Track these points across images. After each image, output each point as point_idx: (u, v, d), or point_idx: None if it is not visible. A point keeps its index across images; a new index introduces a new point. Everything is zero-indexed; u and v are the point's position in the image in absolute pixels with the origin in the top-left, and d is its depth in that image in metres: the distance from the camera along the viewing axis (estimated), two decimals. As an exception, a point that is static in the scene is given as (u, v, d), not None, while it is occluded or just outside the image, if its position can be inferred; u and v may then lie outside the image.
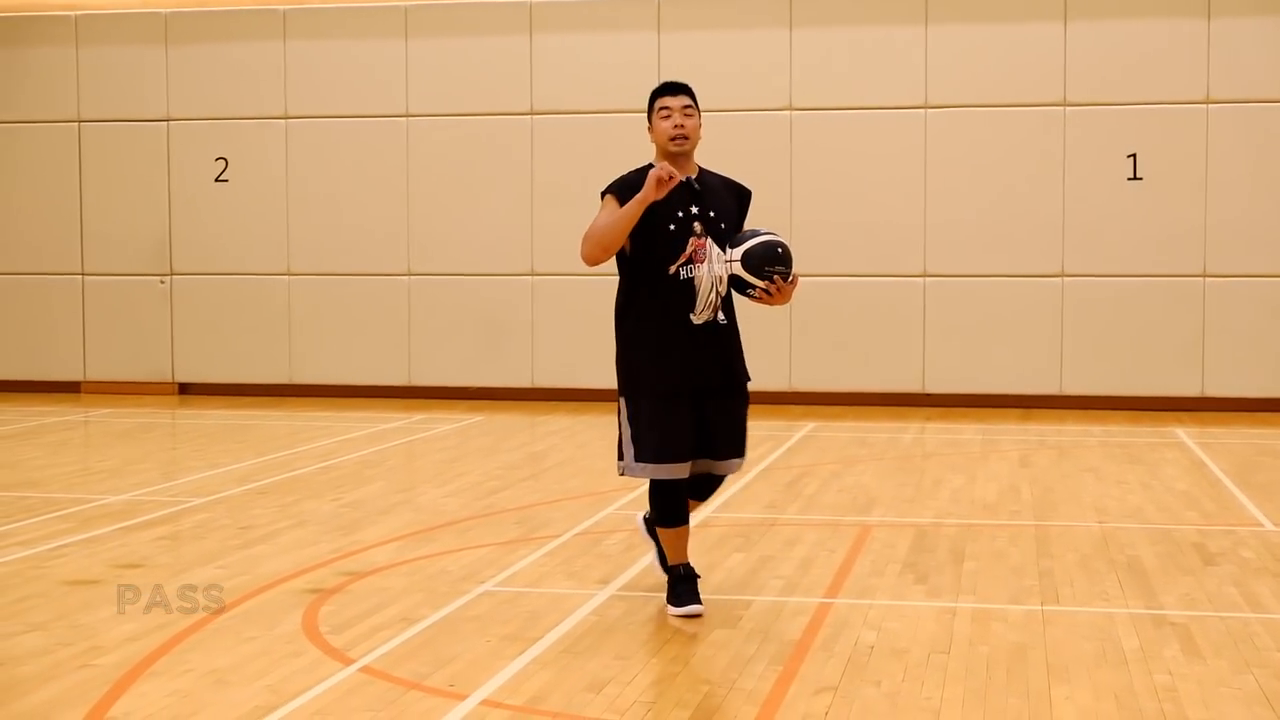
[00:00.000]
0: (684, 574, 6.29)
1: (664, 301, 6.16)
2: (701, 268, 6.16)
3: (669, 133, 6.23)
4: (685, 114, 6.25)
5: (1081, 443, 11.78)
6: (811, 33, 14.36)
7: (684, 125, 6.23)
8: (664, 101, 6.29)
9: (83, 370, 15.80)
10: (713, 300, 6.19)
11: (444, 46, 14.97)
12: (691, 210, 6.19)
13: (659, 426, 6.12)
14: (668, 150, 6.25)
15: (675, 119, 6.23)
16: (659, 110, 6.28)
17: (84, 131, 15.70)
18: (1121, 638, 5.86)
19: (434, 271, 15.07)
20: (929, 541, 7.78)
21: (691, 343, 6.17)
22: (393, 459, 11.10)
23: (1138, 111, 13.91)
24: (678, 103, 6.26)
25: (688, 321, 6.16)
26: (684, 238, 6.14)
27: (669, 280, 6.14)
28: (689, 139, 6.25)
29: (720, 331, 6.23)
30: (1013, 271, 14.12)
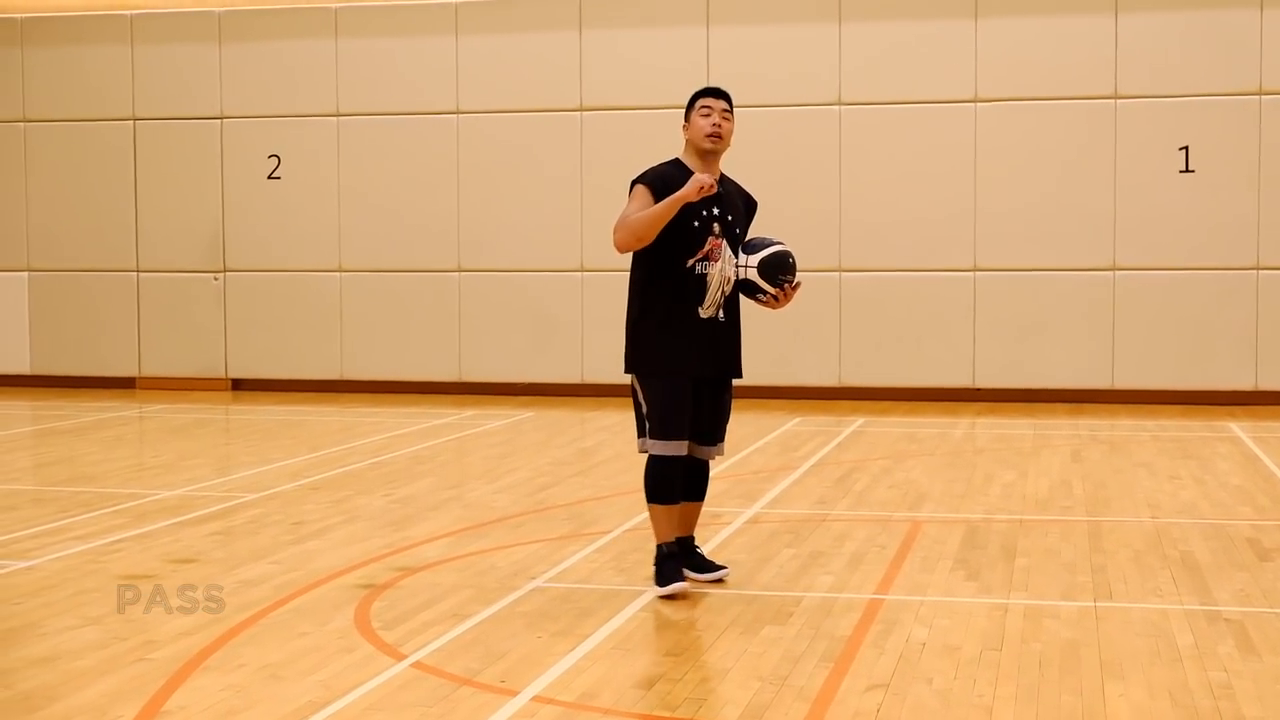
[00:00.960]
0: (668, 552, 6.57)
1: (677, 292, 6.49)
2: (715, 266, 6.53)
3: (706, 129, 6.54)
4: (724, 116, 6.58)
5: (1134, 437, 11.73)
6: (861, 27, 14.33)
7: (721, 126, 6.55)
8: (707, 102, 6.62)
9: (138, 366, 15.92)
10: (719, 298, 6.54)
11: (494, 43, 15.01)
12: (714, 211, 6.55)
13: (673, 404, 6.49)
14: (702, 147, 6.57)
15: (715, 118, 6.56)
16: (700, 108, 6.60)
17: (139, 129, 15.81)
18: (1175, 634, 5.81)
19: (484, 267, 15.12)
20: (980, 537, 7.74)
21: (696, 334, 6.51)
22: (443, 455, 11.11)
23: (1189, 104, 13.83)
24: (719, 105, 6.60)
25: (695, 314, 6.50)
26: (704, 236, 6.49)
27: (684, 273, 6.48)
28: (723, 139, 6.57)
29: (721, 328, 6.57)
30: (1063, 265, 14.07)
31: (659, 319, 6.54)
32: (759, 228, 6.90)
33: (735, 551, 7.43)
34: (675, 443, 6.51)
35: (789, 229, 14.43)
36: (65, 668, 5.43)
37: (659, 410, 6.51)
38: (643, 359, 6.59)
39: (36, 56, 15.97)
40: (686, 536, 6.79)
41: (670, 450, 6.51)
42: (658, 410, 6.52)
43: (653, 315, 6.56)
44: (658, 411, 6.52)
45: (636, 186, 6.53)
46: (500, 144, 15.03)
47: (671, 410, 6.50)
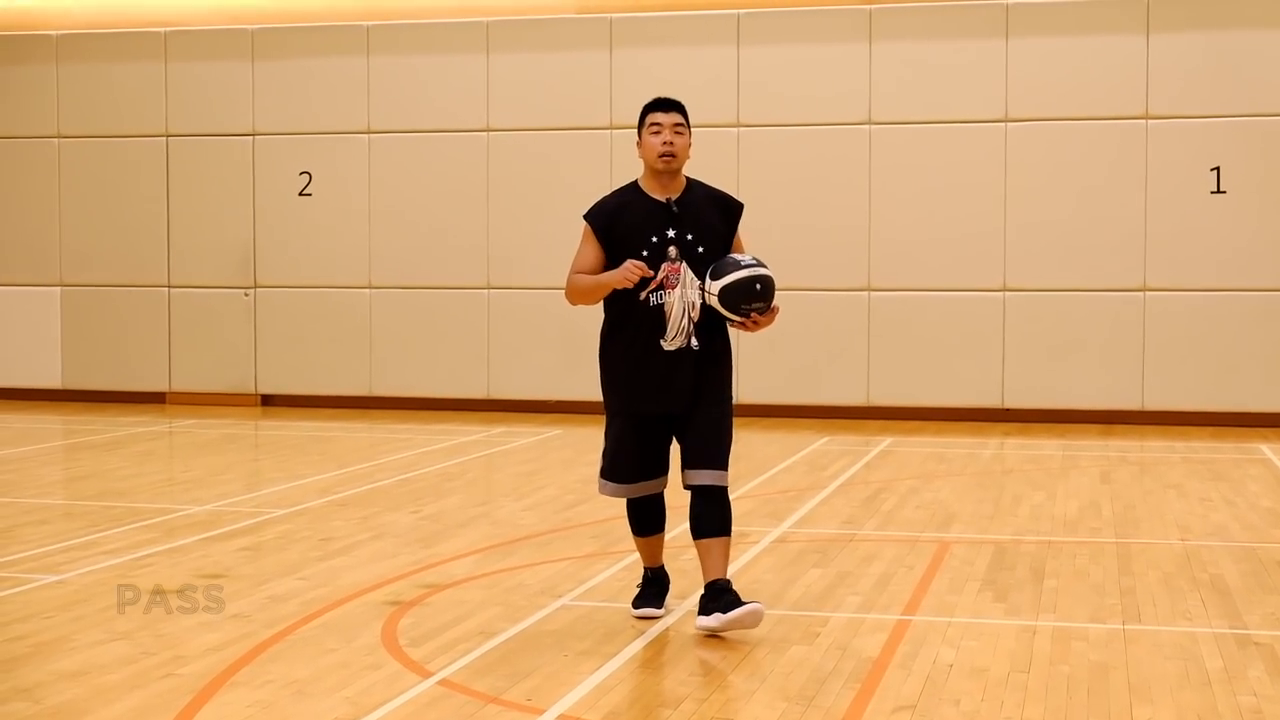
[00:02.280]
0: (650, 577, 6.51)
1: (635, 327, 6.14)
2: (673, 293, 6.11)
3: (657, 149, 6.12)
4: (675, 131, 6.13)
5: (1164, 459, 11.66)
6: (891, 46, 14.29)
7: (673, 143, 6.11)
8: (655, 117, 6.17)
9: (168, 381, 15.92)
10: (684, 326, 6.12)
11: (525, 61, 15.01)
12: (667, 234, 6.13)
13: (623, 449, 6.24)
14: (655, 168, 6.16)
15: (665, 135, 6.12)
16: (649, 125, 6.17)
17: (171, 146, 15.83)
18: (1205, 658, 5.78)
19: (514, 285, 15.11)
20: (1008, 559, 7.69)
21: (663, 368, 6.13)
22: (472, 472, 11.10)
23: (1221, 124, 13.75)
24: (669, 120, 6.14)
25: (658, 347, 6.12)
26: (656, 264, 6.08)
27: (639, 307, 6.11)
28: (676, 157, 6.13)
29: (693, 358, 6.15)
30: (1094, 285, 13.99)
31: (619, 355, 6.22)
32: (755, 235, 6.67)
33: (762, 571, 7.40)
34: (621, 485, 6.29)
35: (818, 248, 14.49)
36: (94, 682, 5.44)
37: (609, 448, 6.31)
38: (606, 400, 6.35)
39: (70, 73, 16.03)
40: (718, 580, 6.14)
41: (615, 493, 6.32)
42: (608, 448, 6.31)
43: (612, 352, 6.26)
44: (608, 449, 6.31)
45: (584, 227, 6.23)
46: (531, 162, 15.03)
47: (620, 452, 6.26)
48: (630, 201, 6.20)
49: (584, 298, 6.20)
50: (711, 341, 6.20)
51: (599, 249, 6.19)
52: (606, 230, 6.17)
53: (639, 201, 6.19)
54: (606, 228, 6.17)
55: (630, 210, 6.17)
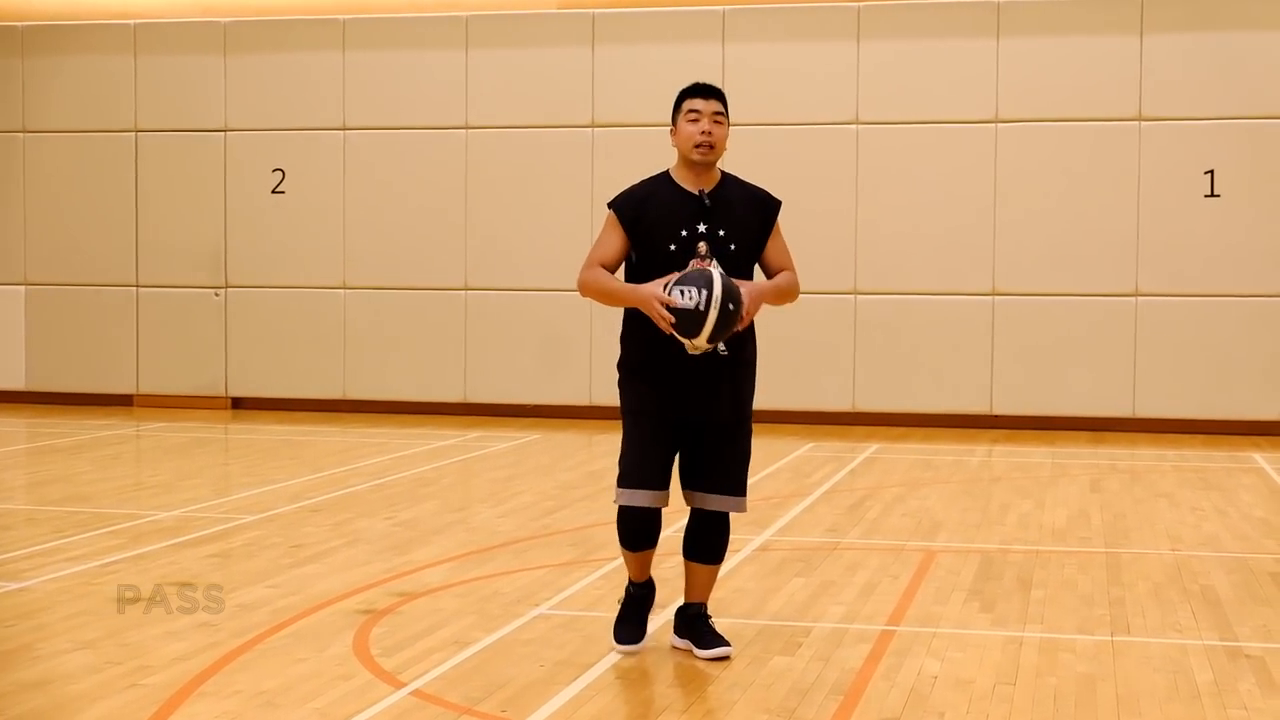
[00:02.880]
0: (635, 594, 6.00)
1: (659, 330, 5.67)
2: None
3: (694, 139, 5.72)
4: (715, 120, 5.75)
5: (1155, 467, 11.66)
6: (879, 45, 14.26)
7: (711, 133, 5.73)
8: (693, 104, 5.77)
9: (135, 383, 15.83)
10: None
11: (504, 58, 14.95)
12: (698, 228, 5.72)
13: (638, 450, 5.77)
14: (690, 158, 5.76)
15: (704, 124, 5.73)
16: (687, 113, 5.76)
17: (141, 141, 15.75)
18: (1195, 670, 5.75)
19: (492, 286, 15.03)
20: (995, 568, 7.66)
21: (684, 373, 5.72)
22: (447, 477, 11.07)
23: (1215, 127, 13.74)
24: (709, 108, 5.75)
25: (682, 350, 5.68)
26: (684, 261, 5.68)
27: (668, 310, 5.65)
28: (714, 149, 5.75)
29: (719, 364, 5.74)
30: (1085, 290, 13.97)
31: (641, 356, 5.80)
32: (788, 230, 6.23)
33: (744, 580, 7.34)
34: (637, 492, 5.74)
35: (803, 250, 14.30)
36: (58, 692, 5.40)
37: (624, 452, 5.82)
38: (621, 395, 5.90)
39: (37, 66, 15.90)
40: (695, 604, 6.01)
41: (630, 500, 5.75)
42: (623, 452, 5.82)
43: (634, 352, 5.84)
44: (623, 453, 5.82)
45: (608, 211, 5.84)
46: (510, 160, 14.96)
47: (638, 455, 5.76)
48: (660, 191, 5.79)
49: (602, 299, 5.80)
50: (742, 348, 5.80)
51: (623, 238, 5.78)
52: (634, 220, 5.75)
53: (669, 192, 5.78)
54: (634, 218, 5.75)
55: (659, 200, 5.76)
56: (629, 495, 5.77)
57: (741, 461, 5.87)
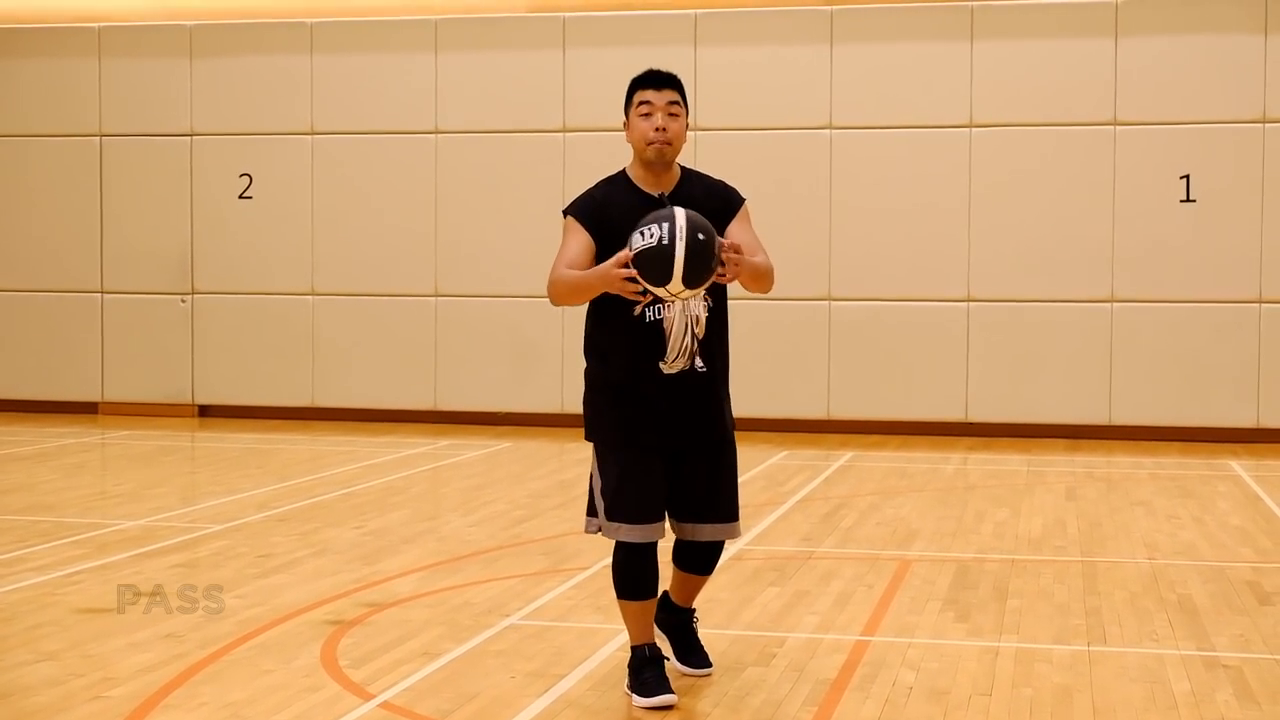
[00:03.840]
0: (649, 656, 5.42)
1: (629, 347, 5.29)
2: (674, 307, 5.26)
3: (647, 136, 5.26)
4: (670, 113, 5.28)
5: (1131, 475, 11.64)
6: (853, 49, 14.21)
7: (666, 128, 5.26)
8: (645, 95, 5.30)
9: (100, 390, 15.70)
10: (687, 345, 5.31)
11: (475, 61, 14.87)
12: None
13: (633, 481, 5.31)
14: (645, 157, 5.31)
15: (657, 119, 5.26)
16: (638, 105, 5.29)
17: (105, 146, 15.62)
18: (1171, 680, 5.74)
19: (462, 293, 14.95)
20: (971, 577, 7.65)
21: (661, 395, 5.30)
22: (417, 486, 11.02)
23: (1191, 131, 13.71)
24: (662, 98, 5.28)
25: (656, 371, 5.29)
26: None
27: (634, 322, 5.26)
28: (671, 145, 5.29)
29: (698, 382, 5.34)
30: (1060, 296, 13.93)
31: (612, 380, 5.36)
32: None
33: (718, 590, 7.28)
34: (649, 527, 5.30)
35: (776, 255, 14.20)
36: (18, 706, 5.35)
37: (613, 485, 5.33)
38: (599, 428, 5.43)
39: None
40: (684, 609, 5.79)
41: (643, 536, 5.30)
42: (611, 486, 5.34)
43: (603, 376, 5.40)
44: (611, 487, 5.33)
45: (565, 220, 5.35)
46: (480, 165, 14.87)
47: (630, 487, 5.30)
48: (616, 194, 5.35)
49: (570, 297, 5.28)
50: (715, 362, 5.40)
51: (588, 239, 5.30)
52: (599, 223, 5.30)
53: (626, 195, 5.34)
54: (598, 220, 5.29)
55: (617, 204, 5.30)
56: (628, 530, 5.31)
57: (731, 483, 5.53)
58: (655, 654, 5.42)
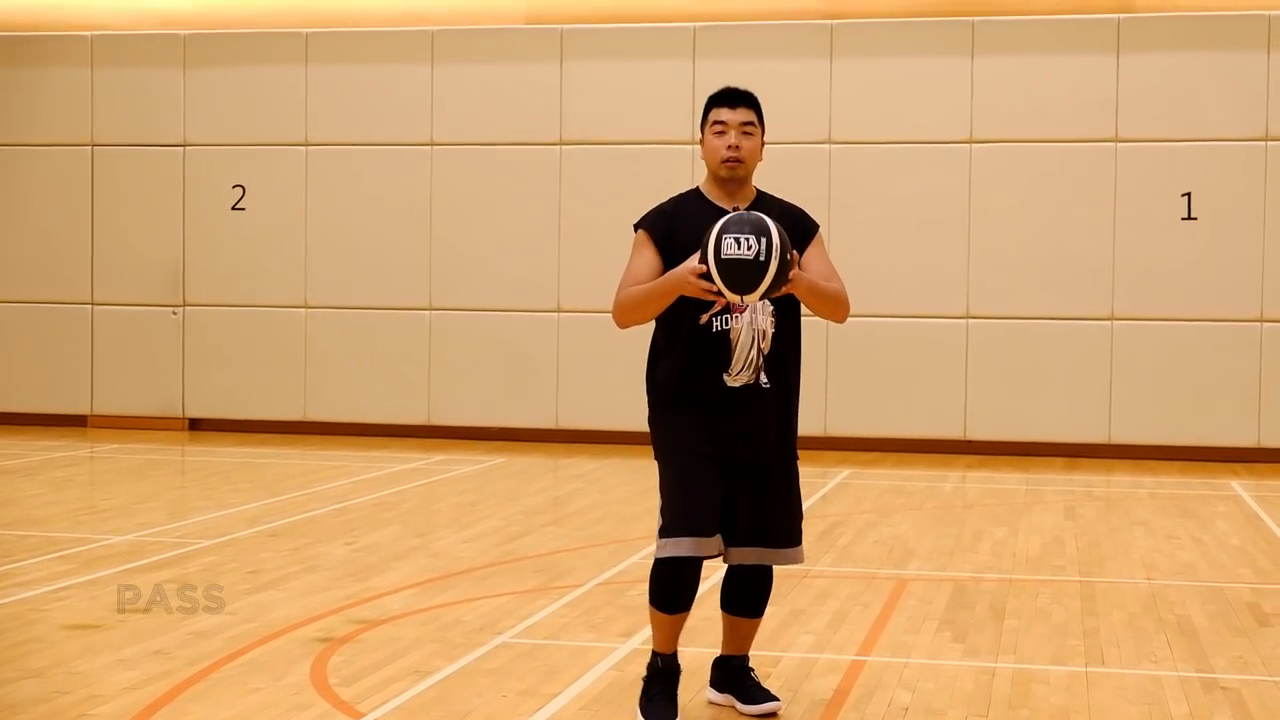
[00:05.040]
0: (664, 668, 5.33)
1: (694, 357, 5.23)
2: (741, 319, 5.21)
3: (720, 154, 5.29)
4: (744, 132, 5.31)
5: (1130, 494, 11.60)
6: (853, 63, 14.19)
7: (739, 147, 5.29)
8: (719, 114, 5.35)
9: (90, 403, 15.64)
10: (753, 359, 5.23)
11: (471, 73, 14.84)
12: None
13: (686, 488, 5.21)
14: (718, 174, 5.34)
15: (730, 137, 5.30)
16: (712, 124, 5.35)
17: (97, 155, 15.58)
18: (1170, 702, 5.71)
19: (457, 306, 14.89)
20: (968, 597, 7.63)
21: (724, 409, 5.22)
22: (410, 501, 10.97)
23: (1193, 148, 13.69)
24: (736, 118, 5.32)
25: (721, 384, 5.21)
26: None
27: (700, 332, 5.21)
28: (744, 163, 5.31)
29: (762, 397, 5.25)
30: (1060, 314, 13.90)
31: (674, 390, 5.28)
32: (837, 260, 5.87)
33: (713, 609, 7.12)
34: (686, 540, 5.14)
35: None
36: None
37: (668, 498, 5.23)
38: (656, 438, 5.36)
39: (-9, 78, 15.80)
40: (737, 656, 5.62)
41: (675, 550, 5.15)
42: (666, 498, 5.24)
43: (666, 386, 5.31)
44: (666, 499, 5.23)
45: (636, 233, 5.35)
46: (475, 178, 14.82)
47: (685, 499, 5.17)
48: (688, 208, 5.34)
49: (638, 312, 5.22)
50: (784, 378, 5.31)
51: (656, 257, 5.26)
52: (667, 236, 5.27)
53: (699, 208, 5.31)
54: (666, 234, 5.27)
55: (688, 217, 5.27)
56: (674, 545, 5.15)
57: (786, 507, 5.38)
58: (670, 666, 5.31)
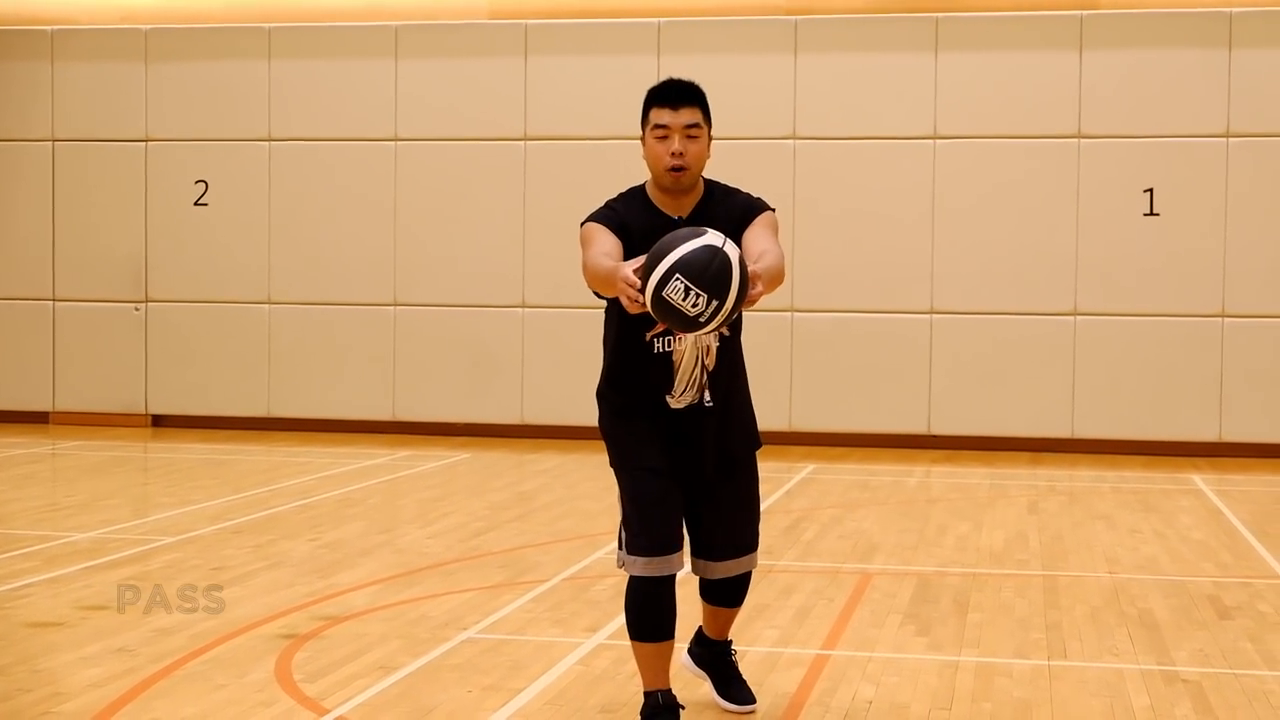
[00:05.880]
0: (663, 704, 5.05)
1: (636, 377, 4.97)
2: (685, 340, 4.90)
3: (665, 161, 4.87)
4: (688, 136, 4.89)
5: (1093, 489, 11.63)
6: (817, 59, 14.17)
7: (684, 153, 4.87)
8: (660, 116, 4.90)
9: (51, 400, 15.55)
10: (697, 377, 4.96)
11: (436, 68, 14.78)
12: None
13: (643, 509, 4.93)
14: (661, 183, 4.95)
15: (674, 143, 4.87)
16: (653, 127, 4.90)
17: (58, 151, 15.46)
18: (1131, 695, 5.73)
19: (421, 302, 14.83)
20: (932, 591, 7.65)
21: (665, 428, 4.98)
22: (374, 498, 10.93)
23: (1155, 145, 13.72)
24: (679, 120, 4.88)
25: (664, 405, 4.96)
26: None
27: (643, 350, 4.90)
28: (689, 170, 4.90)
29: (706, 417, 5.00)
30: (1023, 309, 13.93)
31: (619, 403, 5.05)
32: None
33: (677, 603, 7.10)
34: (655, 559, 4.90)
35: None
36: None
37: (625, 516, 4.99)
38: (608, 449, 5.09)
39: (-50, 73, 15.68)
40: (719, 641, 5.49)
41: (644, 569, 4.91)
42: (624, 516, 5.00)
43: (611, 397, 5.08)
44: (624, 517, 4.99)
45: (585, 226, 4.93)
46: (440, 173, 14.76)
47: (646, 516, 4.91)
48: (634, 213, 4.95)
49: (600, 286, 4.76)
50: (730, 395, 5.06)
51: (616, 240, 4.87)
52: (620, 229, 4.88)
53: (645, 215, 4.95)
54: (619, 226, 4.89)
55: (636, 225, 4.90)
56: (641, 564, 4.92)
57: (744, 517, 5.20)
58: (670, 702, 5.05)
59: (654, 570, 4.91)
